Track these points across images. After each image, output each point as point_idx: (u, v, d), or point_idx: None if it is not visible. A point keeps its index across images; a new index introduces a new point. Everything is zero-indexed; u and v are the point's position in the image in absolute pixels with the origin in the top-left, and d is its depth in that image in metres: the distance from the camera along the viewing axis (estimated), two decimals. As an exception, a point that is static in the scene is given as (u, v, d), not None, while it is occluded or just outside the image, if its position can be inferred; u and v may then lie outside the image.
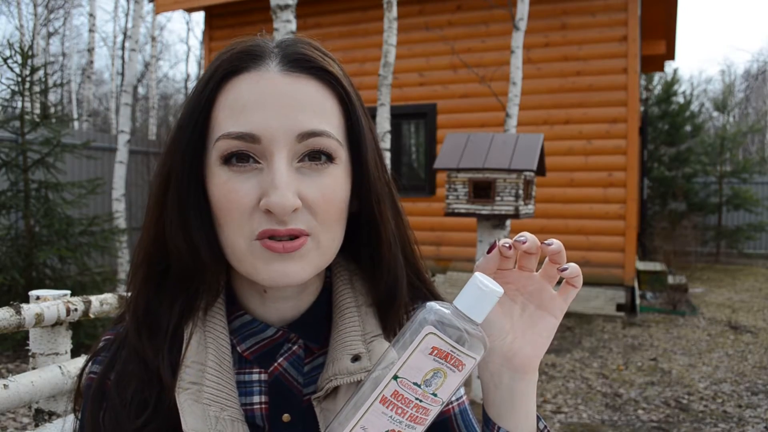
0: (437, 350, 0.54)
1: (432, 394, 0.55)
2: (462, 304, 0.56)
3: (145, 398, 0.65)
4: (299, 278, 0.63)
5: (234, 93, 0.63)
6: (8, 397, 1.30)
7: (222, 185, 0.63)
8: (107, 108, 19.54)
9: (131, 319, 0.68)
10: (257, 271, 0.63)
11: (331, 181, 0.64)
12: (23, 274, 4.84)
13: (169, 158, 0.66)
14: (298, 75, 0.64)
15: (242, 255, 0.63)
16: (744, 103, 25.91)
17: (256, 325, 0.70)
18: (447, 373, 0.55)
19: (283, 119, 0.61)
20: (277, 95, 0.62)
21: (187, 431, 0.60)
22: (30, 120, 5.17)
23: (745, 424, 3.89)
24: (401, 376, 0.54)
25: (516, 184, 3.62)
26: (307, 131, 0.62)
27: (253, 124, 0.61)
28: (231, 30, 8.81)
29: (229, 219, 0.62)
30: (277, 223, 0.61)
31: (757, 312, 7.42)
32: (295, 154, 0.62)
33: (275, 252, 0.61)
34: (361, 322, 0.70)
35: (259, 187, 0.61)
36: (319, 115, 0.63)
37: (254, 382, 0.69)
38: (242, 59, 0.64)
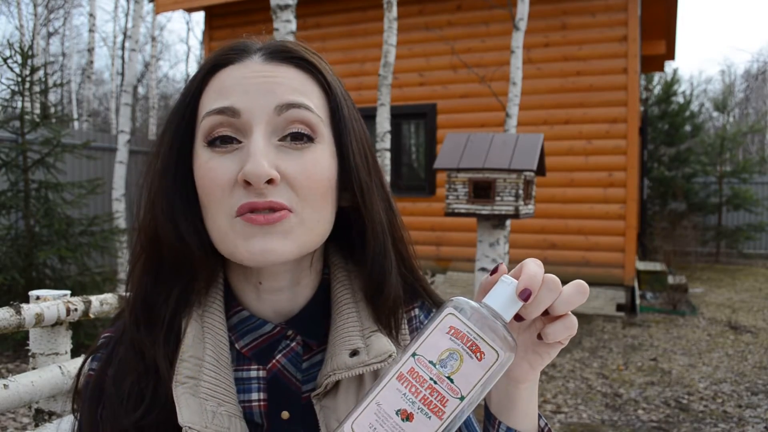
0: (454, 330, 0.54)
1: (448, 378, 0.54)
2: (490, 301, 0.56)
3: (141, 391, 0.65)
4: (281, 255, 0.62)
5: (219, 80, 0.66)
6: (8, 397, 1.30)
7: (203, 165, 0.64)
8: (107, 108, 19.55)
9: (129, 310, 0.69)
10: (237, 249, 0.62)
11: (312, 158, 0.64)
12: (23, 274, 4.84)
13: (159, 148, 0.68)
14: (279, 63, 0.66)
15: (224, 234, 0.63)
16: (744, 103, 25.92)
17: (253, 321, 0.70)
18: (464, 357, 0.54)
19: (262, 93, 0.63)
20: (258, 75, 0.65)
21: (183, 424, 0.60)
22: (30, 120, 5.17)
23: (745, 424, 3.89)
24: (419, 354, 0.54)
25: (516, 184, 3.62)
26: (285, 102, 0.63)
27: (233, 99, 0.63)
28: (231, 30, 8.81)
29: (211, 198, 0.63)
30: (256, 195, 0.61)
31: (757, 312, 7.42)
32: (275, 128, 0.63)
33: (256, 224, 0.61)
34: (359, 317, 0.70)
35: (239, 163, 0.62)
36: (299, 92, 0.65)
37: (252, 379, 0.69)
38: (228, 53, 0.67)
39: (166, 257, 0.67)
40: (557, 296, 0.57)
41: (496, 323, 0.55)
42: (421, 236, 7.36)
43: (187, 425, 0.60)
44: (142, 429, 0.63)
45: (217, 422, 0.62)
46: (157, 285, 0.68)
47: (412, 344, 0.55)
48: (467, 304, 0.55)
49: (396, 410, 0.53)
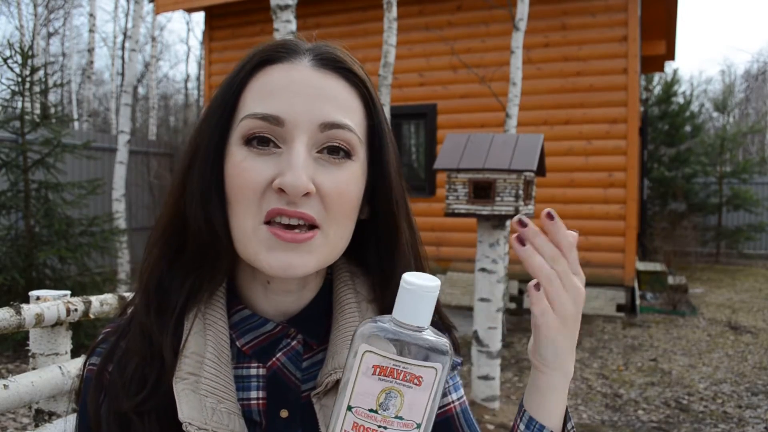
0: (379, 368, 0.50)
1: (396, 417, 0.50)
2: (400, 314, 0.51)
3: (145, 376, 0.65)
4: (303, 271, 0.63)
5: (264, 78, 0.65)
6: (8, 397, 1.30)
7: (238, 164, 0.63)
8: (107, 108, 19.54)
9: (142, 294, 0.69)
10: (258, 257, 0.63)
11: (348, 176, 0.65)
12: (23, 274, 4.84)
13: (196, 137, 0.68)
14: (328, 72, 0.66)
15: (247, 238, 0.63)
16: (744, 103, 25.90)
17: (255, 319, 0.70)
18: (402, 391, 0.50)
19: (308, 106, 0.63)
20: (306, 84, 0.64)
21: (183, 420, 0.60)
22: (30, 120, 5.17)
23: (745, 425, 3.89)
24: (354, 405, 0.50)
25: (516, 184, 3.62)
26: (330, 121, 0.63)
27: (279, 107, 0.63)
28: (231, 30, 8.81)
29: (240, 197, 0.63)
30: (287, 203, 0.61)
31: (757, 312, 7.42)
32: (316, 143, 0.63)
33: (283, 240, 0.61)
34: (361, 317, 0.71)
35: (275, 168, 0.62)
36: (343, 110, 0.65)
37: (252, 377, 0.69)
38: (277, 50, 0.67)
39: (189, 245, 0.67)
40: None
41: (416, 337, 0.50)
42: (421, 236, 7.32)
43: (187, 421, 0.60)
44: (141, 414, 0.64)
45: (216, 419, 0.62)
46: (173, 271, 0.68)
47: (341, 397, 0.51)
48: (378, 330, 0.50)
49: None
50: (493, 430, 3.59)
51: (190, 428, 0.60)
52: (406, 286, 0.51)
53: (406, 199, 0.74)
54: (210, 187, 0.65)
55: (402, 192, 0.72)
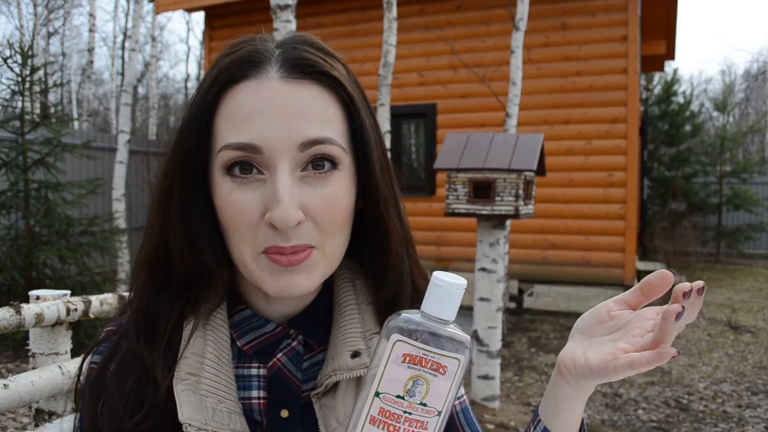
0: (409, 357, 0.52)
1: (420, 404, 0.52)
2: (428, 307, 0.54)
3: (141, 395, 0.65)
4: (305, 289, 0.64)
5: (234, 102, 0.62)
6: (8, 397, 1.30)
7: (225, 196, 0.62)
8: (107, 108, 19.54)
9: (131, 320, 0.69)
10: (264, 282, 0.63)
11: (335, 188, 0.63)
12: (23, 274, 4.84)
13: (171, 166, 0.66)
14: (299, 81, 0.62)
15: (249, 267, 0.64)
16: (744, 103, 25.91)
17: (256, 320, 0.70)
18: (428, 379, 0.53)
19: (284, 128, 0.60)
20: (278, 104, 0.61)
21: (183, 421, 0.60)
22: (30, 120, 5.17)
23: (745, 424, 3.89)
24: (382, 392, 0.53)
25: (516, 184, 3.62)
26: (309, 139, 0.61)
27: (254, 134, 0.60)
28: (231, 30, 8.81)
29: (235, 230, 0.63)
30: (282, 239, 0.61)
31: (757, 312, 7.42)
32: (298, 163, 0.62)
33: (281, 265, 0.62)
34: (362, 319, 0.71)
35: (262, 200, 0.61)
36: (321, 122, 0.62)
37: (253, 376, 0.69)
38: (242, 66, 0.63)
39: (176, 273, 0.67)
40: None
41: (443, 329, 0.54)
42: (421, 236, 7.36)
43: (187, 422, 0.60)
44: None
45: (217, 419, 0.62)
46: (160, 296, 0.68)
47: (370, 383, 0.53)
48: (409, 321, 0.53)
49: None
50: (493, 430, 3.59)
51: (190, 429, 0.60)
52: (437, 282, 0.54)
53: (396, 196, 0.72)
54: (191, 219, 0.65)
55: (389, 189, 0.70)
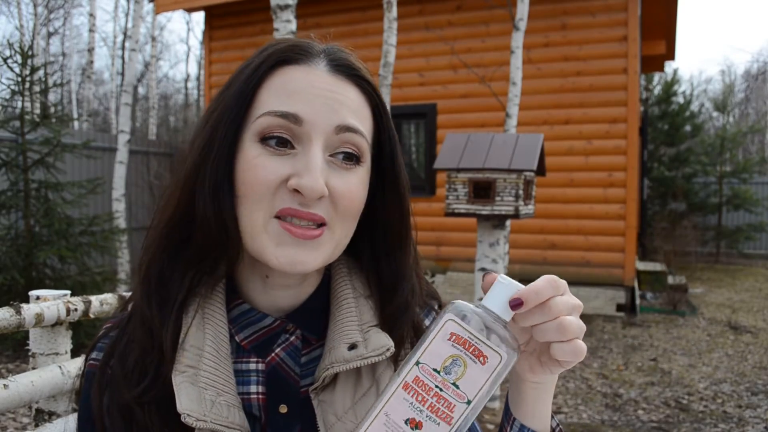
0: (455, 336, 0.55)
1: (453, 384, 0.54)
2: (488, 302, 0.57)
3: (145, 366, 0.66)
4: (310, 267, 0.65)
5: (283, 78, 0.66)
6: (8, 397, 1.30)
7: (251, 159, 0.64)
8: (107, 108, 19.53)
9: (142, 285, 0.69)
10: (267, 251, 0.64)
11: (357, 180, 0.67)
12: (23, 274, 4.83)
13: (210, 132, 0.67)
14: (343, 78, 0.68)
15: (257, 231, 0.64)
16: (744, 103, 25.90)
17: (254, 314, 0.71)
18: (467, 362, 0.54)
19: (327, 109, 0.65)
20: (324, 88, 0.66)
21: (182, 411, 0.61)
22: (30, 120, 5.16)
23: (745, 425, 3.89)
24: (422, 362, 0.55)
25: (516, 184, 3.62)
26: (346, 125, 0.65)
27: (298, 107, 0.64)
28: (231, 30, 8.81)
29: (251, 192, 0.64)
30: (300, 204, 0.63)
31: (757, 312, 7.42)
32: (330, 145, 0.65)
33: (292, 235, 0.63)
34: (358, 312, 0.71)
35: (290, 168, 0.64)
36: (357, 116, 0.67)
37: (251, 371, 0.70)
38: (294, 51, 0.68)
39: (195, 238, 0.67)
40: (549, 320, 0.57)
41: (496, 325, 0.55)
42: (421, 236, 7.29)
43: (185, 412, 0.61)
44: (142, 404, 0.64)
45: (215, 411, 0.62)
46: (174, 264, 0.68)
47: (414, 352, 0.56)
48: (466, 308, 0.56)
49: (405, 420, 0.54)
50: (493, 430, 3.59)
51: (189, 419, 0.61)
52: (501, 281, 0.57)
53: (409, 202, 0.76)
54: (223, 181, 0.65)
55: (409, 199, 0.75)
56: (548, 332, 0.57)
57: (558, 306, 0.57)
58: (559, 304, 0.57)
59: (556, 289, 0.57)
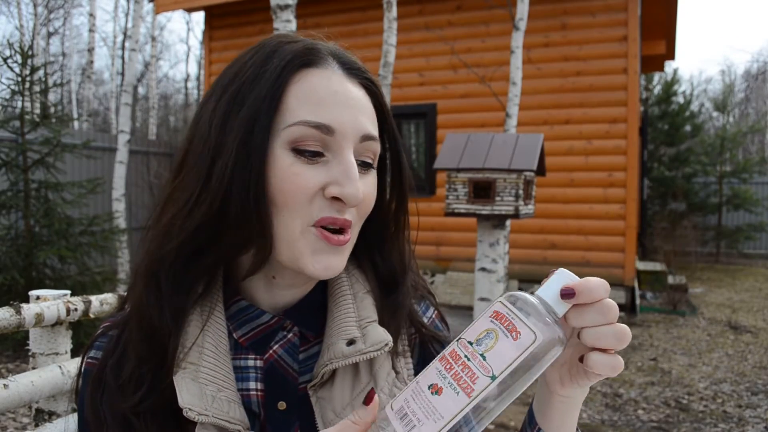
0: (496, 313, 0.55)
1: (481, 355, 0.53)
2: (543, 293, 0.56)
3: (141, 376, 0.65)
4: (339, 271, 0.68)
5: (307, 84, 0.66)
6: (8, 397, 1.30)
7: (286, 168, 0.64)
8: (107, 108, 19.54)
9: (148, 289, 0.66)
10: (303, 259, 0.65)
11: (372, 183, 0.70)
12: (23, 274, 4.83)
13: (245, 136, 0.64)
14: (355, 81, 0.70)
15: (293, 240, 0.65)
16: (744, 103, 25.90)
17: (251, 311, 0.71)
18: (499, 335, 0.53)
19: (352, 118, 0.66)
20: (347, 97, 0.67)
21: (183, 405, 0.61)
22: (30, 120, 5.16)
23: (745, 424, 3.89)
24: (462, 337, 0.56)
25: (516, 184, 3.62)
26: (368, 134, 0.68)
27: (330, 117, 0.65)
28: (231, 30, 8.81)
29: (290, 202, 0.64)
30: (337, 211, 0.65)
31: (757, 312, 7.42)
32: (356, 153, 0.67)
33: (330, 243, 0.65)
34: (356, 308, 0.72)
35: (326, 176, 0.65)
36: (372, 122, 0.70)
37: (250, 368, 0.70)
38: (310, 53, 0.68)
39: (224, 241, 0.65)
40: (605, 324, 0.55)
41: (541, 309, 0.54)
42: (421, 236, 7.29)
43: (187, 407, 0.61)
44: (138, 414, 0.64)
45: (216, 406, 0.63)
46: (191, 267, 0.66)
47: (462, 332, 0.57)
48: (519, 294, 0.56)
49: (428, 385, 0.54)
50: (493, 430, 3.59)
51: (190, 414, 0.61)
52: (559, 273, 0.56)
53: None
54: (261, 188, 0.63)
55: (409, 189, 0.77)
56: (604, 337, 0.55)
57: (614, 310, 0.55)
58: (614, 308, 0.55)
59: (607, 293, 0.56)
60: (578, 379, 0.61)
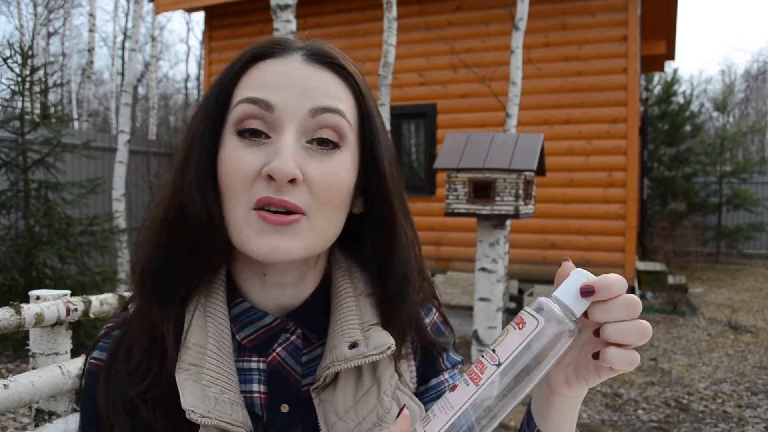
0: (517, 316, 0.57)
1: (492, 349, 0.56)
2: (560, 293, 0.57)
3: (148, 364, 0.66)
4: (289, 254, 0.64)
5: (257, 72, 0.67)
6: (8, 397, 1.30)
7: (230, 153, 0.64)
8: (107, 108, 19.53)
9: (139, 285, 0.69)
10: (250, 242, 0.64)
11: (336, 165, 0.66)
12: (23, 274, 4.83)
13: (192, 126, 0.68)
14: (319, 66, 0.67)
15: (238, 224, 0.64)
16: (744, 103, 25.90)
17: (254, 312, 0.71)
18: (509, 330, 0.56)
19: (299, 94, 0.65)
20: (297, 75, 0.66)
21: (186, 408, 0.61)
22: (30, 120, 5.16)
23: (745, 424, 3.89)
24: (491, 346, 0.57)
25: (516, 184, 3.62)
26: (321, 106, 0.65)
27: (269, 93, 0.64)
28: (231, 30, 8.81)
29: (231, 186, 0.64)
30: (274, 191, 0.62)
31: (757, 312, 7.42)
32: (306, 130, 0.65)
33: (267, 222, 0.62)
34: (359, 311, 0.71)
35: (265, 157, 0.63)
36: (334, 97, 0.66)
37: (253, 370, 0.70)
38: (270, 46, 0.69)
39: (187, 235, 0.67)
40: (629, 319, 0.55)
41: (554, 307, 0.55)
42: (421, 236, 7.23)
43: (190, 409, 0.61)
44: (146, 401, 0.65)
45: (219, 408, 0.63)
46: (169, 261, 0.68)
47: None
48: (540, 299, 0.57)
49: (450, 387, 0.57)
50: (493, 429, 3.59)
51: (193, 416, 0.61)
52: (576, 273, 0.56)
53: (401, 188, 0.75)
54: (207, 174, 0.66)
55: (396, 181, 0.73)
56: (628, 332, 0.55)
57: (639, 306, 0.56)
58: (639, 304, 0.56)
59: (625, 288, 0.56)
60: (587, 378, 0.61)
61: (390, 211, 0.71)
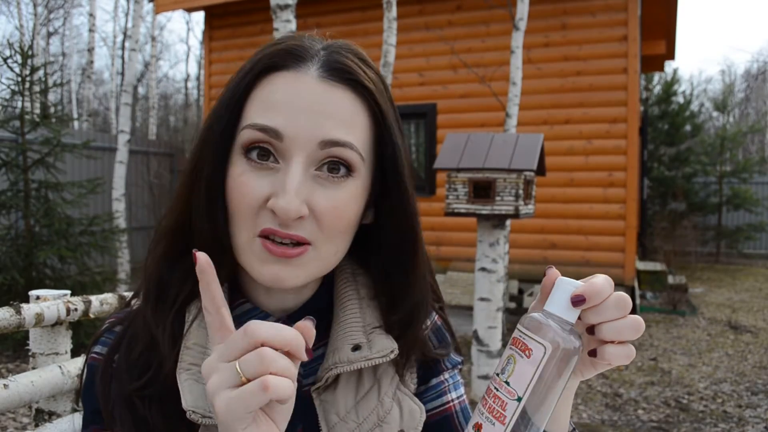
0: (514, 339, 0.57)
1: (505, 382, 0.55)
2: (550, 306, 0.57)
3: (148, 361, 0.66)
4: (291, 284, 0.64)
5: (268, 88, 0.64)
6: (8, 397, 1.30)
7: (237, 177, 0.63)
8: (107, 108, 19.53)
9: (144, 287, 0.70)
10: (253, 269, 0.64)
11: (346, 195, 0.64)
12: (23, 274, 4.83)
13: (201, 146, 0.67)
14: (335, 84, 0.64)
15: (243, 249, 0.64)
16: (744, 103, 25.89)
17: (256, 313, 0.71)
18: (516, 358, 0.55)
19: (309, 123, 0.61)
20: (310, 100, 0.62)
21: (187, 408, 0.61)
22: (30, 120, 5.16)
23: (745, 424, 3.89)
24: (494, 372, 0.58)
25: (516, 184, 3.62)
26: (330, 139, 0.62)
27: (279, 121, 0.61)
28: (231, 30, 8.81)
29: (237, 211, 0.63)
30: (280, 225, 0.61)
31: (757, 312, 7.42)
32: (314, 160, 0.62)
33: (272, 254, 0.62)
34: (362, 314, 0.71)
35: (271, 186, 0.62)
36: (346, 127, 0.63)
37: None
38: (284, 57, 0.64)
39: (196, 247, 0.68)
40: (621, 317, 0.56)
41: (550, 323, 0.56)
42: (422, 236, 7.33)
43: (190, 409, 0.61)
44: (143, 398, 0.65)
45: None
46: (174, 269, 0.69)
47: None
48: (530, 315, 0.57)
49: (472, 425, 0.57)
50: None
51: (194, 416, 0.61)
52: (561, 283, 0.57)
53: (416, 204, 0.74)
54: (216, 196, 0.65)
55: (415, 201, 0.72)
56: (623, 330, 0.56)
57: (629, 304, 0.56)
58: (629, 302, 0.56)
59: (612, 287, 0.57)
60: (583, 371, 0.61)
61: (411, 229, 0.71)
